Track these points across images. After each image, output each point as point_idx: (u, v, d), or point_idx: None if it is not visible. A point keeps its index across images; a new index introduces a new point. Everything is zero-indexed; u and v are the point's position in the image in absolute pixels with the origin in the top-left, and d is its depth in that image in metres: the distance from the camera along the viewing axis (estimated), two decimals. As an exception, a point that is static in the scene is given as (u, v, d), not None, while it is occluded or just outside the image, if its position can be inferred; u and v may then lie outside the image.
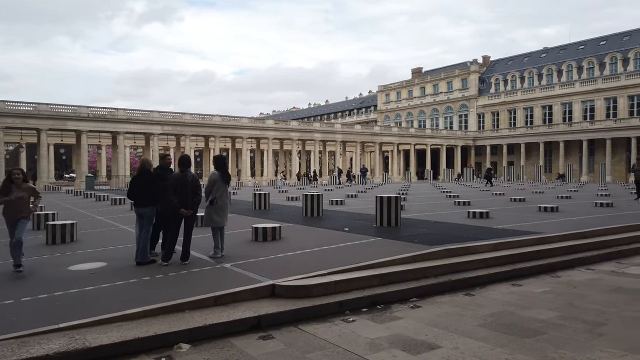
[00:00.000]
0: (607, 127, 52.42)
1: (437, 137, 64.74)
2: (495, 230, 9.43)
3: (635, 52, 53.66)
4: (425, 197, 21.06)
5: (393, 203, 10.03)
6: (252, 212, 13.76)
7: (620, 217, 11.78)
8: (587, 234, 9.03)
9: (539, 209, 13.54)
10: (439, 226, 10.11)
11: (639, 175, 17.95)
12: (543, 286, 6.43)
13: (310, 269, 6.07)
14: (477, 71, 70.12)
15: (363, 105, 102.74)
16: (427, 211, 13.81)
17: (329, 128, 58.25)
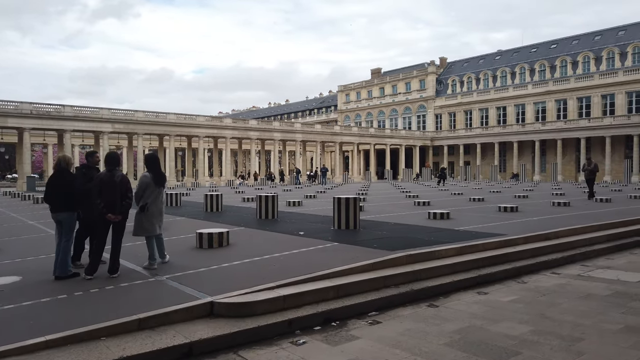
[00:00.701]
0: (557, 128, 54.25)
1: (396, 137, 65.20)
2: (458, 232, 9.00)
3: (583, 55, 55.82)
4: (385, 197, 20.70)
5: (351, 204, 9.42)
6: (203, 215, 12.85)
7: (579, 216, 11.68)
8: (551, 235, 8.74)
9: (499, 209, 13.33)
10: (400, 228, 9.59)
11: (589, 175, 18.20)
12: (510, 294, 5.97)
13: (257, 281, 5.34)
14: (435, 72, 71.19)
15: (323, 105, 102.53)
16: (387, 212, 13.34)
17: (288, 127, 57.45)
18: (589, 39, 57.75)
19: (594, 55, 54.93)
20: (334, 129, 61.85)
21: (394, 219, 11.37)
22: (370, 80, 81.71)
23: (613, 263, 7.83)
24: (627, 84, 50.54)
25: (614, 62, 53.20)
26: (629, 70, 50.93)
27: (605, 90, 52.35)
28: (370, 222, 10.66)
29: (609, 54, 53.70)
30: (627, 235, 9.85)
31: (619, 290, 5.93)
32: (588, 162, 18.62)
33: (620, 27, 56.03)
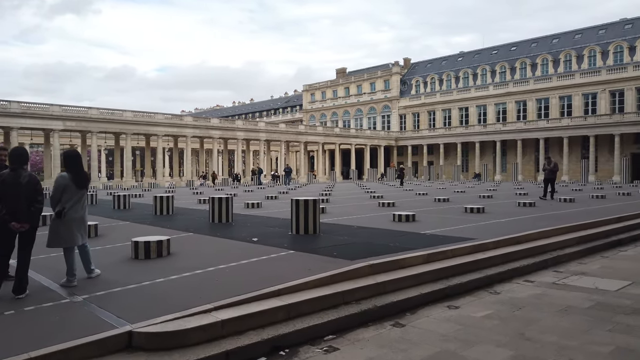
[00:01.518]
0: (517, 129, 55.34)
1: (361, 137, 65.03)
2: (424, 236, 8.38)
3: (542, 57, 57.18)
4: (350, 198, 20.07)
5: (311, 207, 8.65)
6: (151, 219, 11.79)
7: (546, 218, 11.33)
8: (521, 239, 8.24)
9: (465, 210, 12.89)
10: (363, 232, 8.90)
11: (549, 174, 17.98)
12: (484, 308, 5.34)
13: (192, 301, 4.49)
14: (399, 73, 71.51)
15: (288, 104, 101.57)
16: (351, 214, 12.65)
17: (252, 126, 56.24)
18: (547, 41, 59.27)
19: (552, 57, 56.36)
20: (299, 129, 61.05)
21: (358, 222, 10.68)
22: (336, 80, 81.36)
23: (587, 268, 7.38)
24: (583, 86, 52.06)
25: (571, 64, 54.73)
26: (585, 72, 52.47)
27: (563, 92, 53.77)
28: (332, 226, 9.93)
29: (566, 57, 55.21)
30: (597, 237, 9.51)
31: (600, 302, 5.40)
32: (548, 162, 18.32)
33: (576, 30, 57.75)
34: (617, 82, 49.62)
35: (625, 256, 8.41)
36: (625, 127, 46.98)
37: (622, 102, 49.41)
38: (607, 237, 9.72)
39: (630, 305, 5.23)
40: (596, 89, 51.13)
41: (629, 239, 9.96)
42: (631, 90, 48.67)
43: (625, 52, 50.55)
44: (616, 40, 51.74)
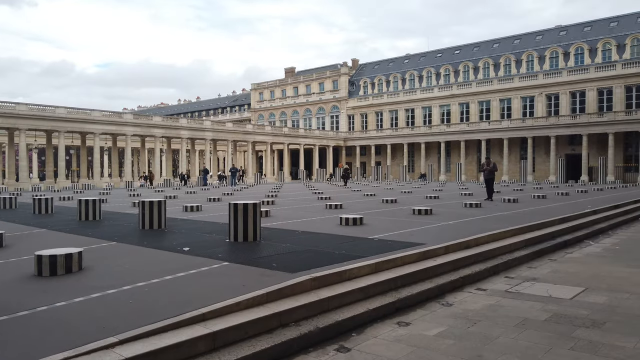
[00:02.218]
0: (461, 130, 56.91)
1: (310, 137, 64.62)
2: (373, 241, 7.88)
3: (483, 61, 59.13)
4: (296, 200, 19.43)
5: (250, 212, 7.92)
6: (73, 226, 10.59)
7: (493, 219, 11.20)
8: (471, 243, 7.91)
9: (413, 212, 12.58)
10: (308, 238, 8.27)
11: (488, 174, 17.88)
12: (437, 323, 4.85)
13: (93, 333, 3.66)
14: (347, 74, 71.75)
15: (236, 103, 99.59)
16: (296, 217, 12.00)
17: (197, 125, 54.34)
18: (489, 46, 61.39)
19: (493, 61, 58.41)
20: (247, 128, 59.73)
21: (303, 226, 10.05)
22: (284, 80, 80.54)
23: (537, 273, 7.13)
24: (522, 90, 54.28)
25: (510, 68, 56.93)
26: (523, 76, 54.73)
27: (503, 95, 55.85)
28: (275, 231, 9.24)
29: (506, 61, 57.37)
30: (544, 239, 9.41)
31: (557, 313, 5.06)
32: (487, 162, 18.27)
33: (515, 36, 60.18)
34: (552, 86, 52.10)
35: (572, 259, 8.29)
36: (560, 129, 49.38)
37: (557, 105, 51.94)
38: (554, 239, 9.66)
39: (588, 316, 4.92)
40: (533, 93, 53.47)
41: (574, 240, 9.96)
42: (565, 94, 51.25)
43: (560, 58, 53.18)
44: (552, 46, 54.35)
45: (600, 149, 48.03)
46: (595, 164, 47.05)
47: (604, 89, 48.90)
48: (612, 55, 49.71)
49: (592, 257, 8.40)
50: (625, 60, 48.25)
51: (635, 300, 5.45)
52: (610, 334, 4.36)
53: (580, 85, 50.36)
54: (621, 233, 11.45)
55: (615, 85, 48.00)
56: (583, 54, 51.78)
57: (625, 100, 47.59)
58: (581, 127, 47.98)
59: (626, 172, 47.08)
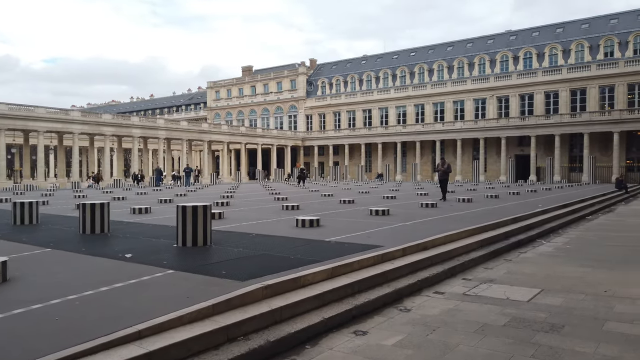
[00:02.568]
0: (416, 131, 57.92)
1: (268, 137, 63.95)
2: (329, 244, 7.61)
3: (438, 64, 60.44)
4: (253, 201, 18.95)
5: (200, 215, 7.47)
6: (6, 230, 9.73)
7: (449, 219, 11.22)
8: (428, 244, 7.80)
9: (370, 213, 12.45)
10: (262, 242, 7.91)
11: (442, 175, 17.82)
12: (395, 332, 4.63)
13: (14, 357, 3.17)
14: (305, 73, 71.54)
15: (192, 101, 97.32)
16: (251, 219, 11.59)
17: (150, 123, 52.50)
18: (443, 49, 62.81)
19: (447, 64, 59.80)
20: (202, 127, 58.34)
21: (257, 229, 9.66)
22: (242, 78, 79.36)
23: (494, 274, 7.09)
24: (474, 92, 55.86)
25: (463, 71, 58.47)
26: (475, 79, 56.35)
27: (457, 97, 57.27)
28: (228, 235, 8.81)
29: (459, 64, 58.86)
30: (498, 239, 9.47)
31: (516, 316, 4.96)
32: (442, 162, 18.19)
33: (468, 39, 61.88)
34: (503, 88, 53.90)
35: (526, 259, 8.35)
36: (510, 131, 51.14)
37: (507, 108, 53.79)
38: (507, 239, 9.74)
39: (546, 319, 4.84)
40: (485, 95, 55.14)
41: (527, 240, 10.09)
42: (515, 97, 53.15)
43: (510, 61, 55.11)
44: (502, 50, 56.23)
45: (548, 149, 50.10)
46: (542, 164, 49.03)
47: (551, 92, 51.07)
48: (559, 59, 51.98)
49: (545, 256, 8.50)
50: (570, 65, 50.56)
51: (590, 302, 5.45)
52: (569, 338, 4.27)
53: (528, 89, 52.37)
54: (571, 232, 11.75)
55: (561, 89, 50.22)
56: (531, 58, 53.86)
57: (570, 104, 49.88)
58: (529, 129, 49.88)
59: (571, 172, 49.37)
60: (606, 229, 12.20)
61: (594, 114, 46.94)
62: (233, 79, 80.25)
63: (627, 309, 5.17)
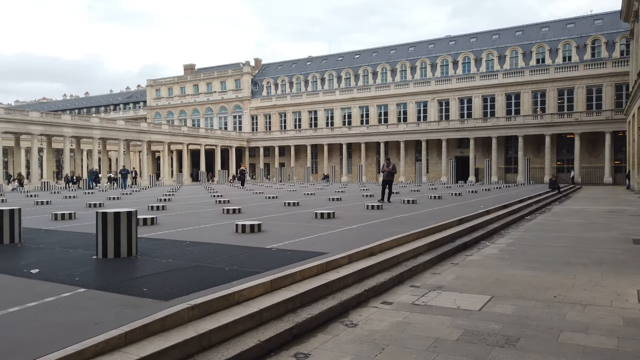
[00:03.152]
0: (361, 133, 58.43)
1: (211, 137, 62.20)
2: (270, 252, 7.03)
3: (381, 67, 61.30)
4: (192, 204, 17.95)
5: (124, 222, 6.65)
6: None
7: (395, 222, 10.95)
8: (375, 250, 7.41)
9: (316, 216, 11.97)
10: (196, 251, 7.19)
11: (387, 176, 17.24)
12: (340, 352, 4.13)
13: None
14: (250, 73, 70.33)
15: (131, 100, 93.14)
16: (187, 224, 10.76)
17: (83, 122, 49.39)
18: (386, 52, 63.83)
19: (390, 67, 60.79)
20: (141, 126, 55.69)
21: (193, 235, 8.90)
22: (184, 77, 76.79)
23: (442, 280, 6.80)
24: (416, 95, 57.13)
25: (406, 74, 59.64)
26: (417, 82, 57.64)
27: (400, 100, 58.33)
28: (159, 242, 8.00)
29: (402, 67, 60.01)
30: (444, 242, 9.27)
31: (468, 329, 4.61)
32: (387, 163, 17.58)
33: (410, 43, 63.26)
34: (443, 92, 55.51)
35: (473, 262, 8.17)
36: (450, 133, 52.73)
37: (447, 111, 55.44)
38: (453, 241, 9.58)
39: (500, 331, 4.53)
40: (427, 98, 56.54)
41: (472, 242, 9.99)
42: (455, 100, 54.86)
43: (450, 66, 56.83)
44: (442, 54, 57.90)
45: (485, 151, 52.08)
46: (481, 166, 50.88)
47: (488, 96, 53.15)
48: (495, 65, 54.20)
49: (491, 259, 8.37)
50: (505, 70, 52.87)
51: (542, 309, 5.23)
52: (527, 354, 3.96)
53: (467, 92, 54.23)
54: (513, 233, 11.85)
55: (497, 93, 52.39)
56: (470, 63, 55.83)
57: (505, 107, 52.13)
58: (468, 131, 51.64)
59: (507, 173, 51.59)
60: (545, 229, 12.44)
61: (528, 117, 49.31)
62: (175, 77, 77.50)
63: (579, 316, 4.99)
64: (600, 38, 48.76)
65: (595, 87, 47.53)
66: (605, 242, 10.05)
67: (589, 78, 47.65)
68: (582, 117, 46.42)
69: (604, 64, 47.25)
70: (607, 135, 44.63)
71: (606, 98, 46.74)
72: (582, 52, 49.53)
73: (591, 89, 47.76)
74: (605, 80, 46.80)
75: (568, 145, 48.68)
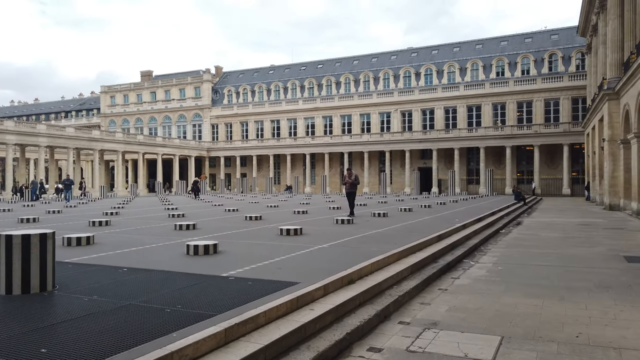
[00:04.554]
0: (325, 143, 57.56)
1: (169, 147, 59.71)
2: (226, 283, 5.71)
3: (345, 77, 60.85)
4: (141, 218, 16.25)
5: (36, 248, 5.17)
6: None
7: (369, 238, 9.84)
8: (354, 276, 6.23)
9: (281, 232, 10.70)
10: (132, 282, 5.77)
11: (350, 187, 15.99)
12: None
13: None
14: (210, 81, 68.39)
15: (84, 107, 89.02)
16: (130, 244, 9.24)
17: (28, 129, 46.05)
18: (349, 62, 63.52)
19: (354, 77, 60.43)
20: (92, 134, 52.61)
21: (134, 259, 7.44)
22: (140, 83, 73.82)
23: (434, 313, 5.68)
24: (379, 106, 56.89)
25: (369, 85, 59.40)
26: (380, 93, 57.46)
27: (363, 110, 57.93)
28: (88, 269, 6.51)
29: (365, 78, 59.75)
30: (426, 262, 8.21)
31: (491, 394, 3.47)
32: (349, 174, 15.94)
33: (373, 54, 63.25)
34: (406, 103, 55.51)
35: (462, 287, 7.12)
36: (413, 144, 52.63)
37: (410, 122, 55.41)
38: (435, 261, 8.55)
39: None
40: (390, 109, 56.39)
41: (454, 261, 8.97)
42: (417, 112, 54.94)
43: (413, 77, 57.01)
44: (405, 65, 58.08)
45: (448, 162, 52.27)
46: (443, 177, 50.98)
47: (450, 108, 53.52)
48: (456, 77, 54.73)
49: (481, 282, 7.35)
50: (466, 83, 53.45)
51: (572, 357, 4.17)
52: None
53: (429, 104, 54.44)
54: (494, 249, 10.97)
55: (459, 105, 52.81)
56: (432, 75, 56.18)
57: (467, 119, 52.59)
58: (431, 142, 51.70)
59: (469, 184, 51.88)
60: (526, 245, 11.65)
61: (489, 129, 49.86)
62: (131, 83, 74.43)
63: (619, 366, 3.96)
64: (557, 52, 50.11)
65: (553, 100, 48.68)
66: (596, 260, 9.27)
67: (546, 91, 48.76)
68: (540, 129, 47.32)
69: (560, 77, 48.49)
70: (564, 147, 45.61)
71: (563, 111, 47.91)
72: (540, 66, 50.73)
73: (549, 101, 48.88)
74: (563, 94, 48.01)
75: (527, 156, 49.51)
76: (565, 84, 47.97)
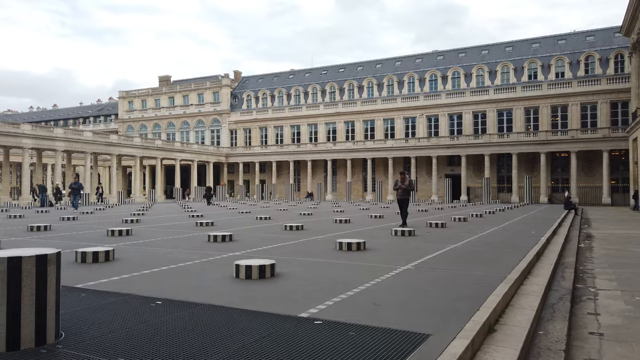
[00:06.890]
0: (347, 149, 55.61)
1: (187, 152, 58.33)
2: (316, 330, 3.80)
3: (367, 81, 58.98)
4: (166, 227, 14.47)
5: (29, 277, 3.34)
6: None
7: (451, 256, 7.87)
8: (491, 319, 4.26)
9: (340, 247, 8.77)
10: (175, 327, 3.90)
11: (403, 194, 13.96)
12: None
13: None
14: (229, 85, 67.10)
15: (102, 113, 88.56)
16: (159, 261, 7.39)
17: (45, 133, 45.03)
18: (372, 66, 61.69)
19: (377, 81, 58.55)
20: (110, 139, 51.47)
21: (167, 285, 5.59)
22: (158, 88, 72.92)
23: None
24: (404, 110, 54.81)
25: (393, 89, 57.43)
26: (405, 97, 55.42)
27: (387, 115, 55.92)
28: (111, 300, 4.66)
29: (389, 82, 57.82)
30: (547, 291, 6.21)
31: None
32: (402, 178, 14.09)
33: (397, 58, 61.28)
34: (432, 107, 53.35)
35: (620, 330, 5.10)
36: (440, 150, 50.40)
37: (437, 127, 53.20)
38: (550, 287, 6.54)
39: None
40: (415, 114, 54.28)
41: (572, 288, 6.95)
42: (444, 116, 52.74)
43: (439, 81, 54.82)
44: (430, 69, 55.96)
45: (477, 169, 49.91)
46: (472, 184, 48.64)
47: (479, 112, 51.22)
48: (485, 80, 52.45)
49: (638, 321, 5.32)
50: (496, 86, 51.14)
51: None
52: None
53: (457, 108, 52.20)
54: (599, 270, 8.89)
55: (488, 109, 50.50)
56: (459, 78, 54.01)
57: (497, 124, 50.24)
58: (460, 149, 49.41)
59: (500, 192, 49.40)
60: (630, 264, 9.55)
61: (521, 134, 47.44)
62: (149, 88, 73.57)
63: None
64: (593, 54, 47.60)
65: (590, 105, 46.10)
66: None
67: (583, 95, 46.22)
68: (578, 134, 44.75)
69: (598, 80, 45.92)
70: (604, 153, 42.97)
71: (601, 115, 45.28)
72: (576, 69, 48.26)
73: (586, 106, 46.31)
74: (600, 98, 45.42)
75: (562, 164, 46.93)
76: (603, 87, 45.39)
